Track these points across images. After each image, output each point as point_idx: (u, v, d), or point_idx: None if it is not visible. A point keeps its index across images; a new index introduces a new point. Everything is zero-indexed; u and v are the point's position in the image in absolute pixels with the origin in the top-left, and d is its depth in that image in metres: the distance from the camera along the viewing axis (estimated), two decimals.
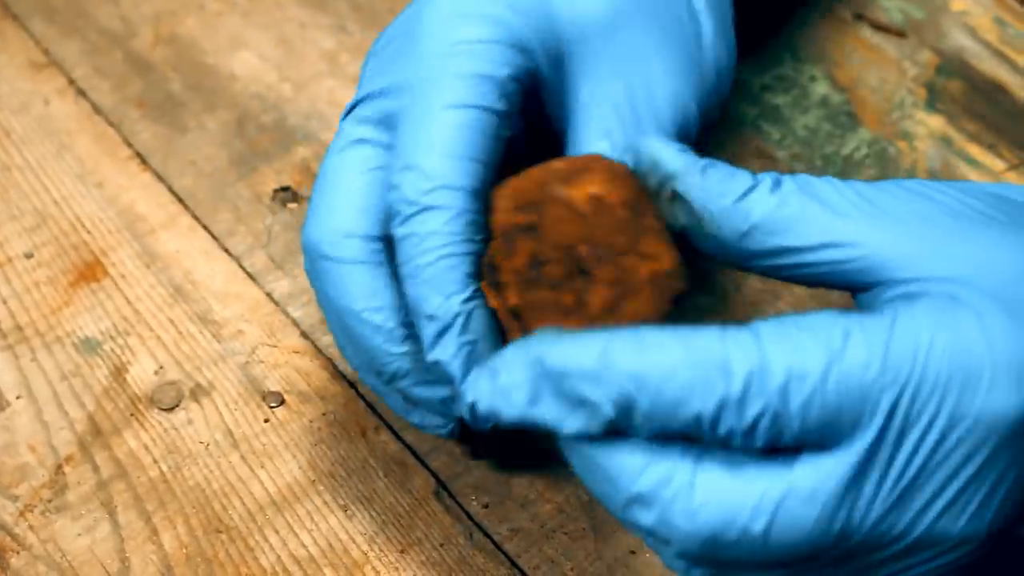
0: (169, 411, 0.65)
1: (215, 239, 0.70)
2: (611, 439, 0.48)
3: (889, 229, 0.49)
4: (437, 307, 0.53)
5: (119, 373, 0.66)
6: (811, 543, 0.47)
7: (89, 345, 0.66)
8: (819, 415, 0.47)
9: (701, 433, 0.47)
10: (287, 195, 0.71)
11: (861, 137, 0.72)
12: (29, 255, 0.69)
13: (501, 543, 0.61)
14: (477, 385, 0.48)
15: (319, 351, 0.66)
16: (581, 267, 0.51)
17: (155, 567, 0.61)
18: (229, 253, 0.70)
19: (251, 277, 0.69)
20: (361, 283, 0.56)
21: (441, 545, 0.61)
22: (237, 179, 0.72)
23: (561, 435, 0.48)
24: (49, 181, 0.72)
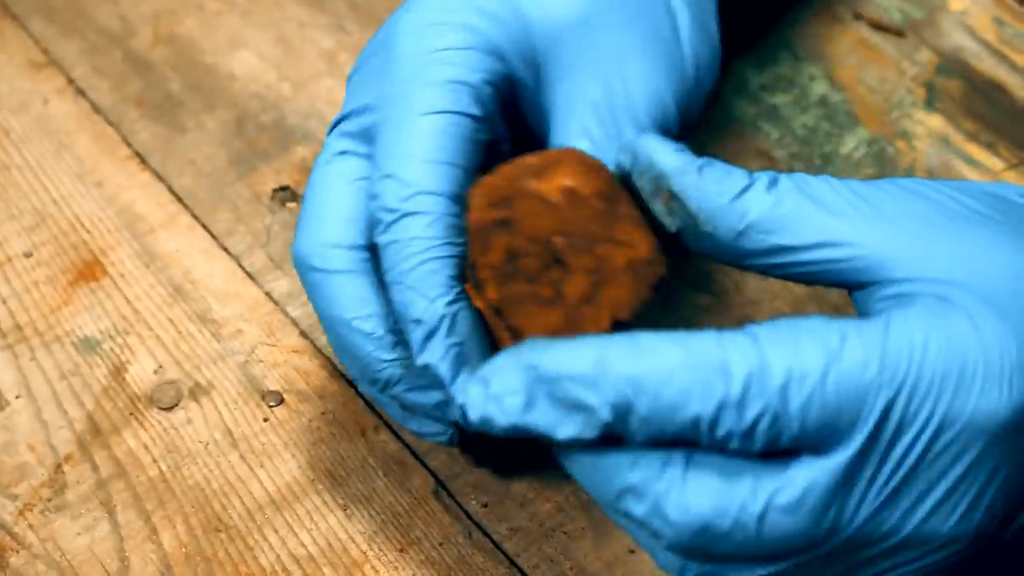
0: (168, 410, 0.65)
1: (214, 238, 0.70)
2: (606, 443, 0.48)
3: (885, 229, 0.49)
4: (423, 311, 0.54)
5: (118, 372, 0.66)
6: (802, 537, 0.47)
7: (88, 344, 0.67)
8: (818, 416, 0.47)
9: (698, 436, 0.47)
10: (286, 194, 0.71)
11: (860, 136, 0.72)
12: (28, 254, 0.69)
13: (500, 542, 0.61)
14: (468, 393, 0.48)
15: (318, 350, 0.66)
16: (557, 258, 0.51)
17: (154, 566, 0.61)
18: (228, 252, 0.70)
19: (250, 276, 0.69)
20: (349, 292, 0.57)
21: (440, 544, 0.61)
22: (236, 178, 0.72)
23: (556, 441, 0.48)
24: (48, 180, 0.72)
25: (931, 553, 0.48)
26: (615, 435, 0.47)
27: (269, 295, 0.68)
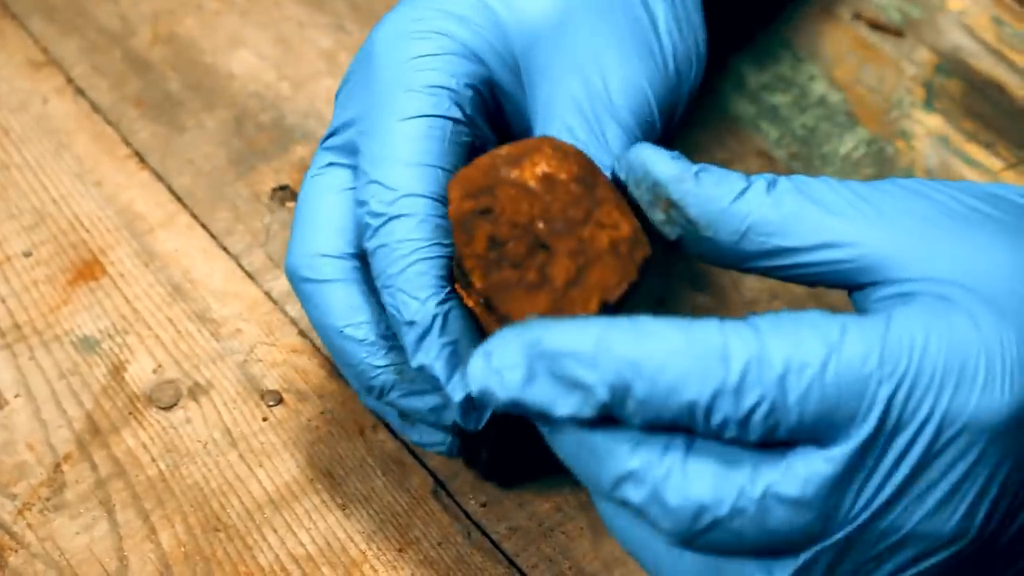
0: (167, 410, 0.65)
1: (213, 238, 0.70)
2: (602, 424, 0.48)
3: (886, 229, 0.49)
4: (414, 312, 0.54)
5: (117, 372, 0.66)
6: (801, 530, 0.47)
7: (87, 344, 0.67)
8: (816, 408, 0.47)
9: (694, 423, 0.47)
10: (285, 194, 0.71)
11: (859, 136, 0.72)
12: (28, 254, 0.69)
13: (499, 542, 0.61)
14: (469, 366, 0.48)
15: (317, 350, 0.66)
16: (541, 243, 0.51)
17: (153, 566, 0.61)
18: (227, 252, 0.70)
19: (249, 276, 0.69)
20: (340, 301, 0.57)
21: (439, 544, 0.61)
22: (235, 178, 0.72)
23: (553, 418, 0.48)
24: (48, 180, 0.72)
25: (934, 552, 0.48)
26: (611, 417, 0.47)
27: (268, 294, 0.68)
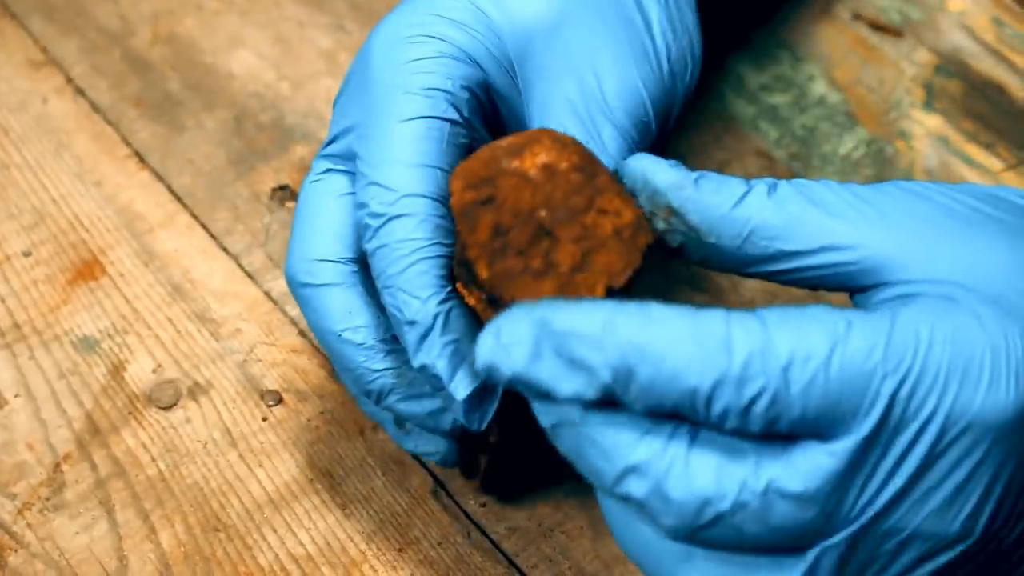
0: (167, 410, 0.65)
1: (213, 238, 0.70)
2: (605, 412, 0.48)
3: (888, 231, 0.49)
4: (416, 312, 0.54)
5: (117, 371, 0.66)
6: (805, 526, 0.47)
7: (87, 343, 0.67)
8: (819, 401, 0.47)
9: (696, 411, 0.47)
10: (285, 194, 0.71)
11: (859, 137, 0.72)
12: (27, 253, 0.69)
13: (499, 542, 0.61)
14: (479, 343, 0.48)
15: (317, 350, 0.66)
16: (544, 230, 0.51)
17: (153, 565, 0.61)
18: (227, 252, 0.70)
19: (249, 276, 0.69)
20: (338, 305, 0.57)
21: (439, 544, 0.61)
22: (235, 178, 0.72)
23: (556, 397, 0.48)
24: (47, 179, 0.72)
25: (940, 553, 0.48)
26: (613, 401, 0.47)
27: (268, 294, 0.68)
